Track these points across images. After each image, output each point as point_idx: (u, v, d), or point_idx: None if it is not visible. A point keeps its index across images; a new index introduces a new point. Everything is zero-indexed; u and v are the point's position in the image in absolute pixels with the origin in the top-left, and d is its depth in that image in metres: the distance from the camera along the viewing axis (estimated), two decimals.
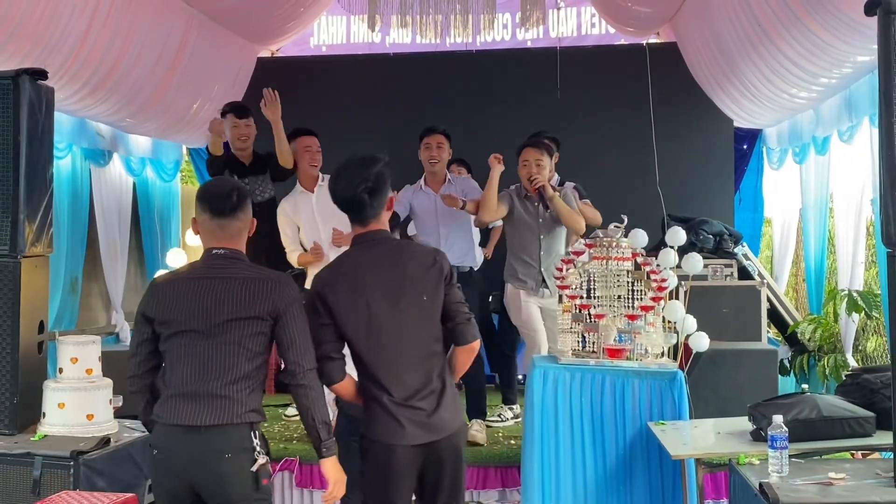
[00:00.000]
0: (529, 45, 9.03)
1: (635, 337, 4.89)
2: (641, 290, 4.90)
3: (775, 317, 7.32)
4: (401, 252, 3.54)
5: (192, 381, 3.22)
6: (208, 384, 3.20)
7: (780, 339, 7.52)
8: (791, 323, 7.21)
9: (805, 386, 4.61)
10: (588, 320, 4.96)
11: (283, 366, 3.31)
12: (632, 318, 4.88)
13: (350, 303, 3.44)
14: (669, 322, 4.93)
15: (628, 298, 4.92)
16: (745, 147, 8.61)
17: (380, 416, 3.43)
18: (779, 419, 3.54)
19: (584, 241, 5.12)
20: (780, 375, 6.23)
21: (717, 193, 8.26)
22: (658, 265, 4.89)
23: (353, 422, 3.80)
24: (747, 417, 4.13)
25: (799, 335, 7.01)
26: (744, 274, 6.89)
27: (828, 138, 6.72)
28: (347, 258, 3.57)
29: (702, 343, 4.89)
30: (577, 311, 4.97)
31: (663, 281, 4.85)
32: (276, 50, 9.11)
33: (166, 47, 6.86)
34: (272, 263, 5.41)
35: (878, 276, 6.25)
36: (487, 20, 7.38)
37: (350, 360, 3.55)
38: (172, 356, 3.29)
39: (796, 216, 8.30)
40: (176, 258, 5.73)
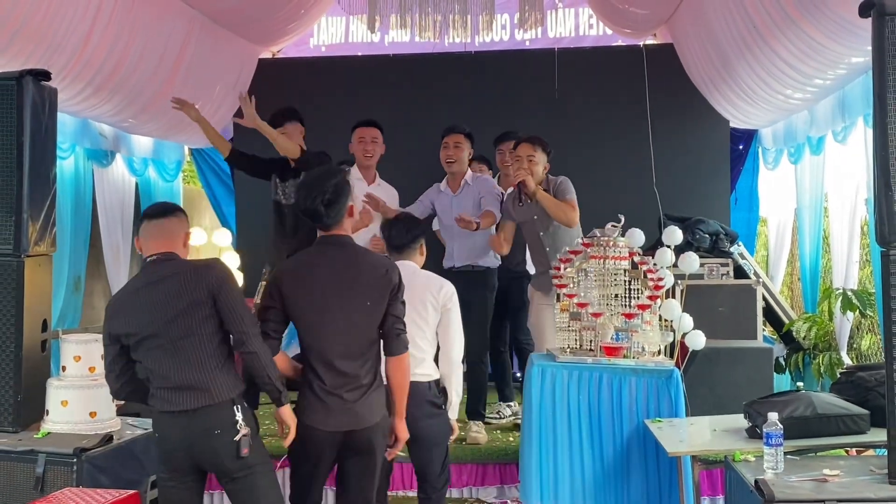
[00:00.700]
0: (528, 45, 9.01)
1: (632, 335, 4.89)
2: (638, 289, 4.90)
3: (771, 315, 7.32)
4: (356, 258, 3.83)
5: (170, 376, 3.50)
6: (185, 375, 3.49)
7: (775, 337, 7.52)
8: (786, 321, 7.21)
9: (800, 384, 4.61)
10: (586, 319, 4.96)
11: (232, 338, 3.59)
12: (629, 316, 4.88)
13: (300, 293, 3.73)
14: (666, 320, 4.93)
15: (625, 297, 4.92)
16: (741, 147, 8.60)
17: (309, 399, 3.73)
18: (774, 417, 3.54)
19: (581, 240, 5.12)
20: (775, 373, 6.22)
21: (713, 193, 8.25)
22: (655, 264, 4.89)
23: None
24: (743, 415, 4.13)
25: (794, 333, 7.01)
26: (740, 273, 6.89)
27: (822, 138, 6.72)
28: (308, 255, 3.88)
29: (698, 341, 4.89)
30: (575, 310, 4.97)
31: (660, 280, 4.85)
32: (277, 51, 9.10)
33: (168, 48, 6.85)
34: None
35: (873, 275, 6.26)
36: (486, 21, 7.36)
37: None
38: (147, 360, 3.55)
39: (791, 216, 8.30)
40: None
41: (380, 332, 3.80)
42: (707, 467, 5.02)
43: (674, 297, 5.08)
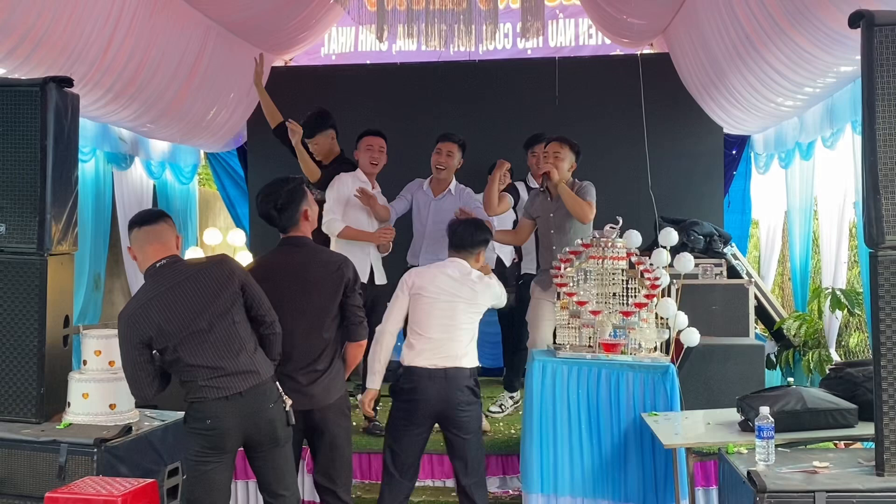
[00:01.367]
0: (529, 53, 9.02)
1: (629, 332, 4.90)
2: (635, 288, 4.91)
3: (762, 313, 7.32)
4: (312, 256, 4.16)
5: (221, 365, 3.64)
6: (235, 362, 3.66)
7: (766, 334, 7.51)
8: (777, 319, 7.20)
9: (791, 379, 4.62)
10: (585, 316, 4.97)
11: (260, 320, 3.81)
12: (626, 314, 4.89)
13: (263, 288, 3.90)
14: (662, 318, 4.94)
15: (623, 296, 4.93)
16: (733, 152, 8.60)
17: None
18: (766, 410, 3.54)
19: (581, 241, 5.13)
20: (766, 369, 6.22)
21: (707, 196, 8.25)
22: (651, 264, 4.89)
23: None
24: (736, 409, 4.13)
25: (785, 331, 7.00)
26: (732, 273, 6.89)
27: (812, 144, 6.71)
28: (270, 255, 4.22)
29: (692, 338, 4.89)
30: (575, 308, 4.97)
31: (656, 279, 4.86)
32: (289, 59, 9.11)
33: (185, 57, 6.87)
34: None
35: (861, 276, 6.25)
36: (489, 30, 7.36)
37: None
38: (190, 357, 3.65)
39: (782, 218, 8.29)
40: (194, 256, 5.74)
41: (343, 324, 4.15)
42: (701, 459, 5.02)
43: (669, 295, 5.09)
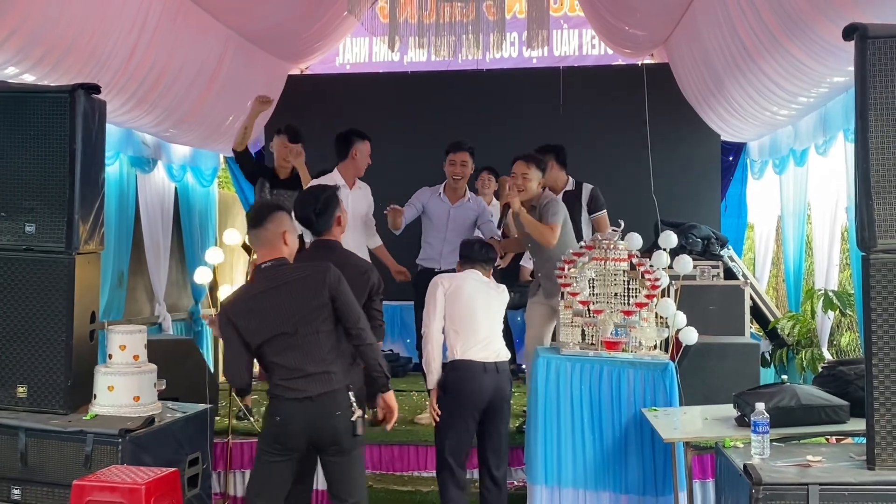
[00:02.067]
0: (535, 63, 9.04)
1: (630, 331, 4.90)
2: (636, 289, 4.91)
3: (757, 313, 7.31)
4: (344, 259, 4.12)
5: (297, 368, 3.64)
6: (311, 367, 3.64)
7: (761, 333, 7.51)
8: (772, 319, 7.19)
9: (785, 377, 4.61)
10: (588, 315, 4.97)
11: (348, 332, 3.73)
12: (627, 313, 4.89)
13: None
14: (662, 317, 4.93)
15: (624, 296, 4.93)
16: (730, 159, 8.60)
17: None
18: (761, 406, 3.55)
19: (583, 243, 5.14)
20: (761, 367, 6.20)
21: (705, 201, 8.26)
22: (651, 266, 4.89)
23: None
24: (732, 405, 4.13)
25: (779, 330, 7.00)
26: (729, 274, 6.88)
27: (805, 151, 6.71)
28: (307, 254, 4.21)
29: (691, 337, 4.89)
30: (578, 307, 4.98)
31: (656, 280, 4.86)
32: (305, 68, 9.14)
33: (205, 65, 6.89)
34: None
35: (852, 278, 6.24)
36: (497, 39, 7.38)
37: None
38: (273, 355, 3.68)
39: (776, 222, 8.29)
40: (213, 256, 5.75)
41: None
42: (699, 453, 5.01)
43: (669, 296, 5.09)
